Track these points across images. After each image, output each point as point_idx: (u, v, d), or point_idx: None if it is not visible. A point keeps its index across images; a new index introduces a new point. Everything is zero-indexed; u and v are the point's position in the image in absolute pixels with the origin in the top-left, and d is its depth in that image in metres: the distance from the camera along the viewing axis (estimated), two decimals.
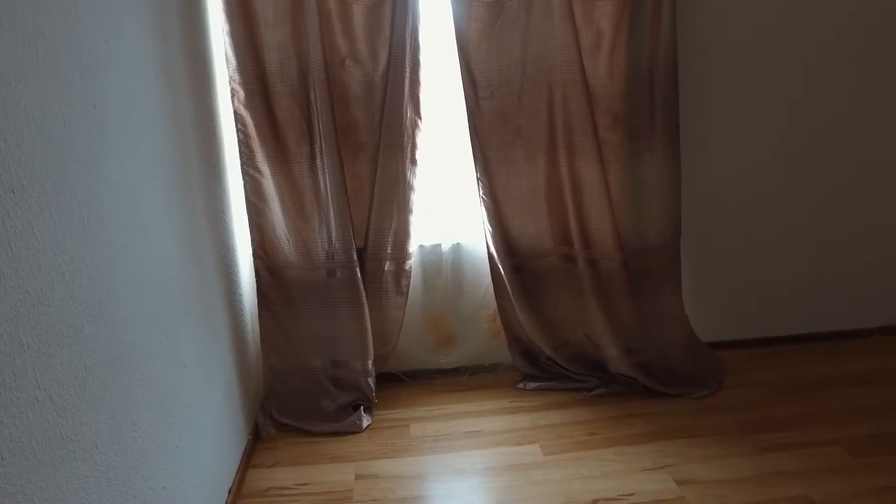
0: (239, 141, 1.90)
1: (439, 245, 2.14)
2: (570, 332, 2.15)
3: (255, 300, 2.03)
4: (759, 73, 2.11)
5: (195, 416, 1.44)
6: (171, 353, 1.31)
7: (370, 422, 2.04)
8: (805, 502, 1.61)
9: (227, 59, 1.81)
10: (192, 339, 1.47)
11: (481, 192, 1.99)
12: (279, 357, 2.07)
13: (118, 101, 1.13)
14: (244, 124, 1.88)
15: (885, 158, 2.30)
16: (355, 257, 1.97)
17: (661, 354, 2.11)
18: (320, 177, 1.93)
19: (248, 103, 1.85)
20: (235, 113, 1.86)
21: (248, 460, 1.86)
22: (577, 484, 1.71)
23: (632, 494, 1.66)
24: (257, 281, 2.01)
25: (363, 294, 1.99)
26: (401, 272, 2.05)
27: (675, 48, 1.92)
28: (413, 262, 2.08)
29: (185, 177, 1.51)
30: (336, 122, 1.89)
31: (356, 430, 1.99)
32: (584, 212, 1.99)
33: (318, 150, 1.90)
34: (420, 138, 1.96)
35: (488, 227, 2.02)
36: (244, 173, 1.93)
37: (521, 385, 2.19)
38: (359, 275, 1.98)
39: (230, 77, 1.84)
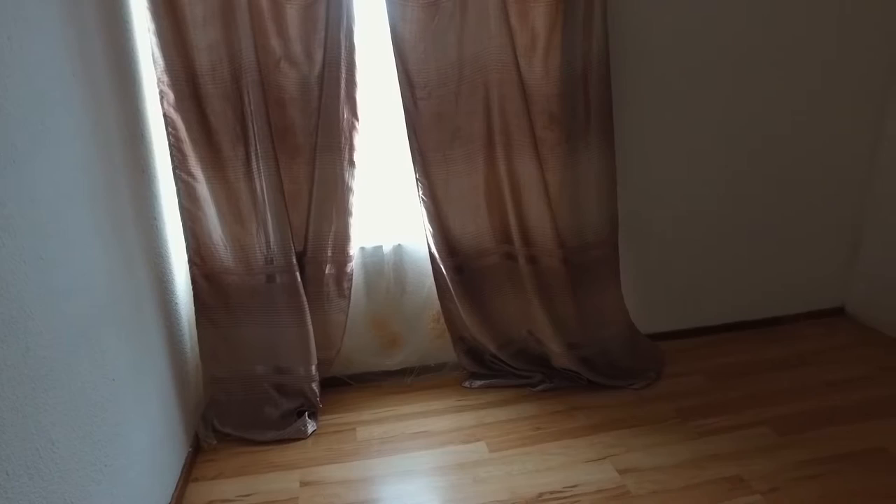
0: (170, 145, 1.83)
1: (380, 247, 2.13)
2: (513, 329, 2.17)
3: (193, 308, 1.97)
4: (689, 71, 2.19)
5: (126, 432, 1.38)
6: (96, 367, 1.25)
7: (315, 427, 2.01)
8: (736, 481, 1.69)
9: (154, 59, 1.75)
10: (122, 352, 1.41)
11: (421, 192, 1.99)
12: (220, 366, 2.01)
13: (27, 103, 1.07)
14: (175, 127, 1.81)
15: (809, 153, 2.43)
16: (295, 261, 1.93)
17: (602, 348, 2.17)
18: (257, 180, 1.88)
19: (179, 106, 1.79)
20: (165, 116, 1.79)
21: (189, 474, 1.80)
22: (522, 479, 1.74)
23: (575, 486, 1.70)
24: (194, 288, 1.95)
25: (304, 298, 1.96)
26: (342, 275, 2.03)
27: (607, 49, 1.97)
28: (354, 265, 2.06)
29: (110, 182, 1.44)
30: (272, 125, 1.85)
31: (301, 436, 1.96)
32: (523, 210, 2.02)
33: (253, 153, 1.86)
34: (357, 140, 1.94)
35: (429, 228, 2.02)
36: (177, 178, 1.87)
37: (467, 384, 2.20)
38: (299, 279, 1.94)
39: (158, 79, 1.77)
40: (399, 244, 2.14)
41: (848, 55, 2.31)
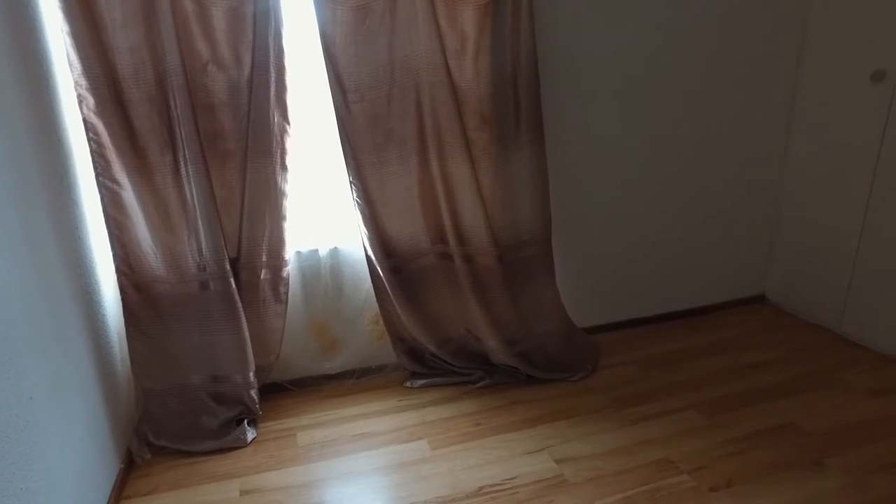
0: (92, 151, 1.76)
1: (316, 250, 2.12)
2: (452, 327, 2.21)
3: (123, 319, 1.91)
4: (615, 73, 2.27)
5: (46, 452, 1.33)
6: (10, 385, 1.19)
7: (255, 435, 1.98)
8: (666, 463, 1.77)
9: (69, 62, 1.68)
10: (41, 368, 1.35)
11: (355, 195, 2.00)
12: (153, 377, 1.95)
13: None
14: (96, 133, 1.75)
15: (728, 153, 2.57)
16: (228, 267, 1.90)
17: (539, 343, 2.23)
18: (186, 186, 1.84)
19: (99, 111, 1.73)
20: (85, 121, 1.73)
21: (120, 491, 1.74)
22: (463, 474, 1.77)
23: (514, 478, 1.74)
24: (123, 299, 1.88)
25: (239, 305, 1.93)
26: (278, 280, 2.01)
27: (535, 51, 2.02)
28: (290, 269, 2.05)
29: (21, 191, 1.38)
30: (200, 130, 1.81)
31: (241, 444, 1.93)
32: (457, 210, 2.06)
33: (182, 158, 1.82)
34: (289, 143, 1.93)
35: (364, 230, 2.03)
36: (100, 185, 1.80)
37: (408, 383, 2.22)
38: (233, 285, 1.91)
39: (76, 82, 1.70)
40: (335, 247, 2.14)
41: (761, 60, 2.46)
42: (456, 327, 2.21)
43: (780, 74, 2.53)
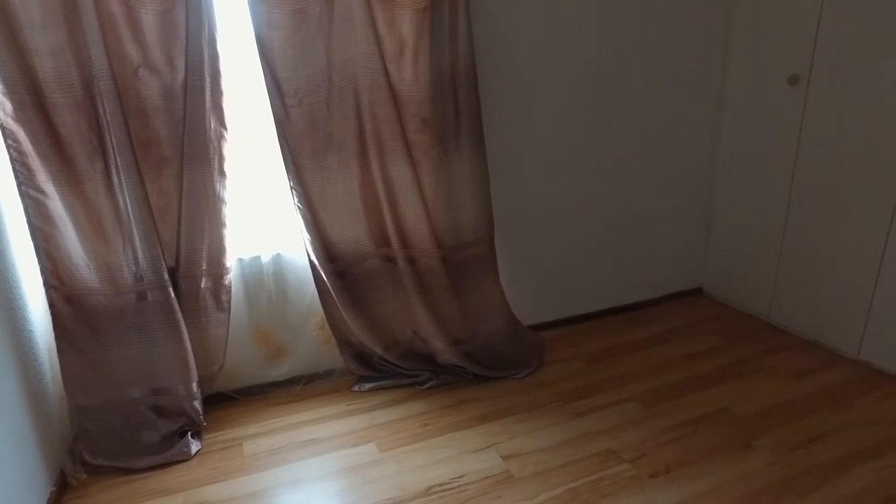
0: (12, 159, 1.68)
1: (258, 257, 2.09)
2: (398, 330, 2.21)
3: (54, 335, 1.83)
4: (551, 75, 2.33)
5: None
6: None
7: (199, 447, 1.94)
8: (608, 454, 1.83)
9: None
10: None
11: (296, 200, 1.98)
12: (88, 394, 1.88)
13: None
14: (16, 140, 1.67)
15: (662, 152, 2.68)
16: (167, 277, 1.85)
17: (486, 342, 2.26)
18: (119, 195, 1.78)
19: (20, 116, 1.65)
20: (3, 128, 1.64)
21: None
22: (412, 475, 1.78)
23: (462, 476, 1.76)
24: (53, 313, 1.80)
25: (179, 315, 1.88)
26: (220, 288, 1.97)
27: (472, 54, 2.05)
28: (232, 277, 2.01)
29: None
30: (132, 136, 1.76)
31: (184, 458, 1.88)
32: (399, 213, 2.07)
33: (113, 166, 1.76)
34: (227, 149, 1.89)
35: (307, 235, 2.01)
36: (23, 195, 1.72)
37: (356, 387, 2.22)
38: (173, 295, 1.86)
39: None
40: (278, 253, 2.11)
41: (691, 65, 2.58)
42: (402, 329, 2.22)
43: (708, 78, 2.66)
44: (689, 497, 1.65)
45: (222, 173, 1.90)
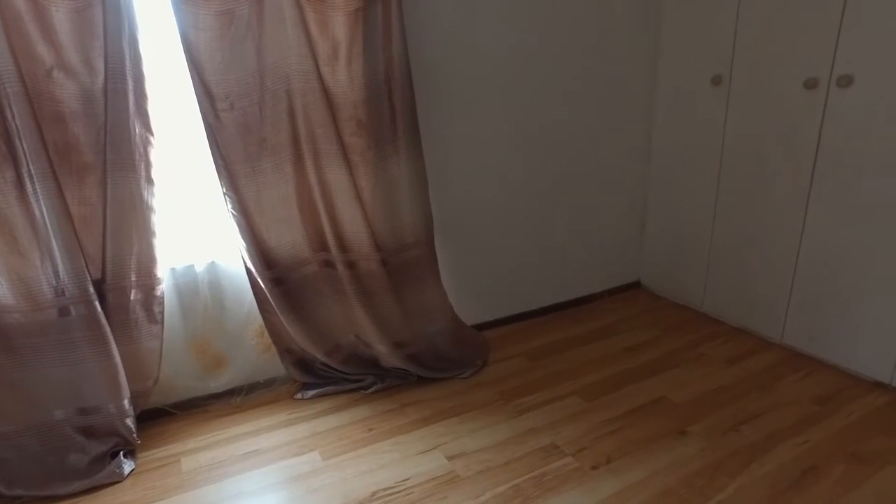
0: None
1: (192, 266, 2.02)
2: (340, 335, 2.19)
3: None
4: (485, 75, 2.35)
5: None
6: None
7: (133, 467, 1.86)
8: (551, 448, 1.86)
9: None
10: None
11: (230, 207, 1.93)
12: (5, 418, 1.77)
13: None
14: None
15: (601, 151, 2.75)
16: (92, 290, 1.76)
17: (429, 343, 2.27)
18: (34, 205, 1.69)
19: None
20: None
21: None
22: (356, 481, 1.76)
23: (407, 479, 1.76)
24: None
25: (108, 329, 1.80)
26: (151, 299, 1.90)
27: (407, 56, 2.05)
28: (165, 287, 1.94)
29: None
30: (48, 142, 1.67)
31: (116, 479, 1.80)
32: (337, 217, 2.04)
33: (26, 174, 1.66)
34: (154, 155, 1.82)
35: (242, 242, 1.96)
36: None
37: (299, 395, 2.18)
38: (99, 309, 1.78)
39: None
40: (213, 261, 2.05)
41: (623, 67, 2.66)
42: (344, 334, 2.19)
43: (640, 80, 2.75)
44: (629, 485, 1.70)
45: (150, 180, 1.83)
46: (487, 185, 2.49)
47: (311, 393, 2.17)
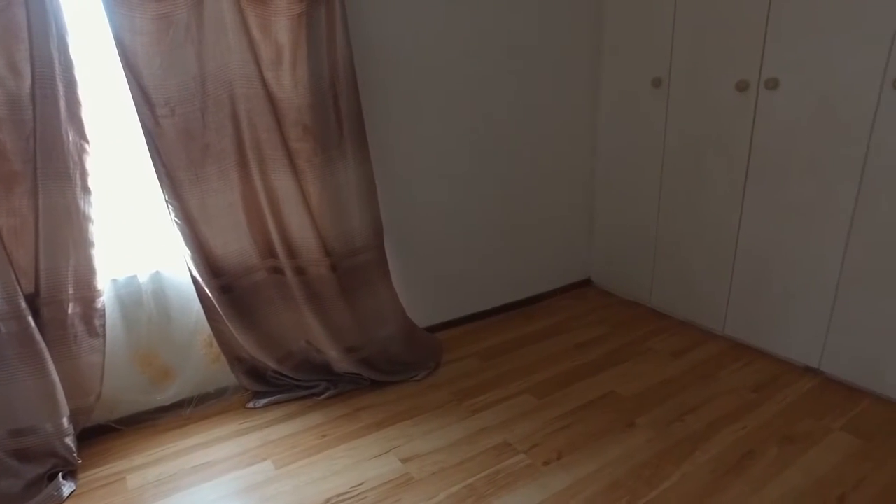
0: None
1: (135, 276, 1.96)
2: (291, 342, 2.17)
3: None
4: (437, 78, 2.37)
5: None
6: None
7: (74, 488, 1.79)
8: (503, 447, 1.89)
9: None
10: None
11: (173, 215, 1.88)
12: None
13: None
14: None
15: (549, 151, 2.80)
16: (24, 305, 1.69)
17: (381, 347, 2.26)
18: None
19: None
20: None
21: None
22: (309, 489, 1.74)
23: (361, 484, 1.75)
24: None
25: (43, 345, 1.73)
26: (91, 312, 1.83)
27: (352, 59, 2.05)
28: (106, 299, 1.88)
29: None
30: None
31: (55, 502, 1.72)
32: (284, 223, 2.02)
33: None
34: (91, 163, 1.76)
35: (187, 251, 1.92)
36: None
37: (251, 404, 2.14)
38: (33, 324, 1.71)
39: None
40: (157, 271, 2.00)
41: (567, 69, 2.72)
42: (296, 341, 2.17)
43: (585, 81, 2.82)
44: (579, 479, 1.74)
45: (86, 189, 1.77)
46: (437, 188, 2.51)
47: (264, 401, 2.14)
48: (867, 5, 1.85)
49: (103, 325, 1.88)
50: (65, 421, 1.79)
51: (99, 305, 1.85)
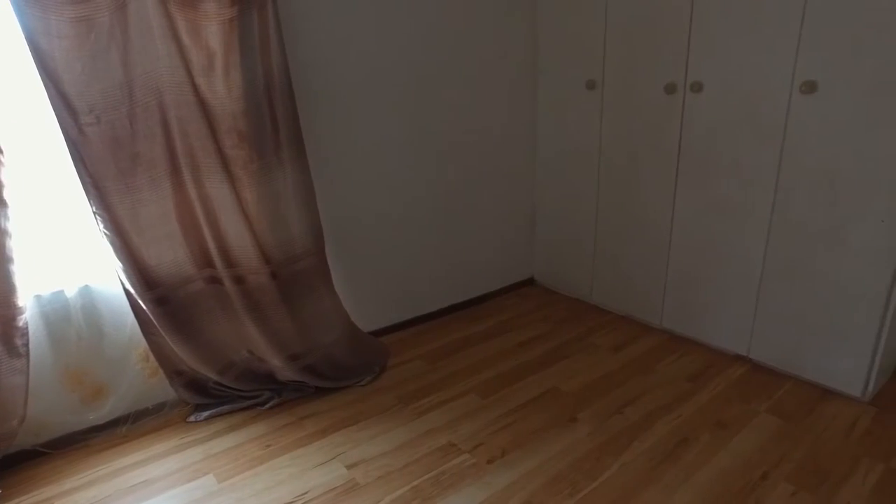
0: None
1: (62, 291, 1.88)
2: (232, 352, 2.12)
3: None
4: (376, 83, 2.37)
5: None
6: None
7: None
8: (448, 447, 1.91)
9: None
10: None
11: (102, 226, 1.81)
12: None
13: None
14: None
15: (490, 154, 2.84)
16: None
17: (325, 353, 2.25)
18: None
19: None
20: None
21: None
22: (252, 501, 1.71)
23: (306, 492, 1.74)
24: None
25: None
26: (12, 331, 1.74)
27: (286, 64, 2.02)
28: (29, 317, 1.80)
29: None
30: None
31: None
32: (221, 231, 1.98)
33: None
34: (5, 175, 1.68)
35: (119, 263, 1.85)
36: None
37: (192, 418, 2.09)
38: None
39: None
40: (87, 285, 1.92)
41: (505, 72, 2.77)
42: (237, 351, 2.13)
43: (523, 85, 2.88)
44: (523, 475, 1.78)
45: (2, 202, 1.68)
46: (378, 192, 2.51)
47: (205, 414, 2.09)
48: (774, 12, 1.96)
49: (26, 345, 1.79)
50: None
51: (20, 324, 1.77)
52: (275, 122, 2.03)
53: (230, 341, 2.10)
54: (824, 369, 2.13)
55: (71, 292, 1.90)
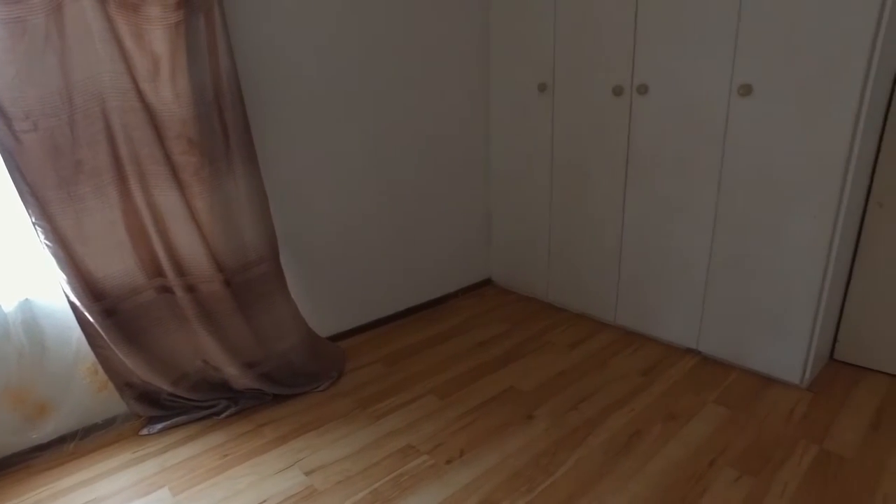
0: None
1: None
2: (186, 362, 2.08)
3: None
4: (328, 85, 2.36)
5: None
6: None
7: None
8: (408, 449, 1.92)
9: None
10: None
11: (43, 237, 1.75)
12: None
13: None
14: None
15: (444, 156, 2.87)
16: None
17: (283, 360, 2.23)
18: None
19: None
20: None
21: None
22: None
23: (265, 501, 1.72)
24: None
25: None
26: None
27: (235, 69, 2.00)
28: None
29: None
30: None
31: None
32: (171, 240, 1.94)
33: None
34: None
35: (62, 275, 1.79)
36: None
37: (145, 431, 2.04)
38: None
39: None
40: (26, 299, 1.85)
41: (458, 74, 2.80)
42: (191, 361, 2.09)
43: (476, 88, 2.91)
44: (481, 473, 1.80)
45: None
46: (332, 196, 2.50)
47: (159, 426, 2.04)
48: (712, 17, 2.05)
49: None
50: None
51: None
52: (224, 128, 2.01)
53: (184, 351, 2.06)
54: (767, 359, 2.24)
55: (10, 307, 1.82)
